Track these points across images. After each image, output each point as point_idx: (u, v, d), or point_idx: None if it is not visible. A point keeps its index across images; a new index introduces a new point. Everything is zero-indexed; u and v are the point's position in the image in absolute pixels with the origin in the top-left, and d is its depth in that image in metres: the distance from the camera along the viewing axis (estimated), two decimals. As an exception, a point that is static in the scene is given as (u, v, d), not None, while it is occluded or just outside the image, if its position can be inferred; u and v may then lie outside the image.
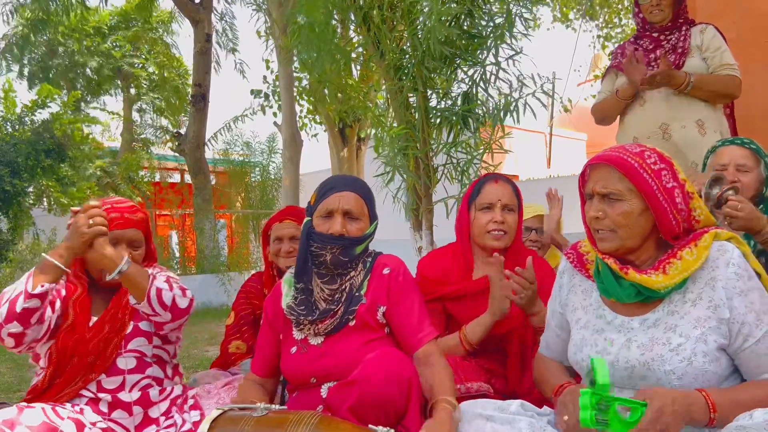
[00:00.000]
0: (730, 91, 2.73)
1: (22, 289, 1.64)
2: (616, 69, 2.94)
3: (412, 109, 3.28)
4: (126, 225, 1.86)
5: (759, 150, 2.22)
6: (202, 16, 10.68)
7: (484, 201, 2.05)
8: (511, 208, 2.05)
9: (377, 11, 3.10)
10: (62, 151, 9.04)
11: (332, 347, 1.68)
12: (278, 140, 13.02)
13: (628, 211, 1.40)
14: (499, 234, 2.02)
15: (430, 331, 1.71)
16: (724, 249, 1.38)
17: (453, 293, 2.02)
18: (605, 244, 1.44)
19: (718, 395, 1.28)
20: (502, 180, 2.10)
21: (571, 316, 1.58)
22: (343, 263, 1.72)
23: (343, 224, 1.69)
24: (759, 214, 1.95)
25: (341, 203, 1.71)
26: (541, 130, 14.87)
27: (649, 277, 1.38)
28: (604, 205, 1.43)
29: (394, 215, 3.46)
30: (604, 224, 1.43)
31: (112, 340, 1.78)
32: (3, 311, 1.62)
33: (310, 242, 1.73)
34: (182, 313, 1.82)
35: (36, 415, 1.56)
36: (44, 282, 1.65)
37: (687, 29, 2.80)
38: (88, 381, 1.75)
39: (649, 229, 1.43)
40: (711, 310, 1.35)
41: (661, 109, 2.74)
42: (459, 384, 1.77)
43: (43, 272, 1.67)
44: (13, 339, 1.65)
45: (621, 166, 1.40)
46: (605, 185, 1.42)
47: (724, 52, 2.73)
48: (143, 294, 1.74)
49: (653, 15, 2.81)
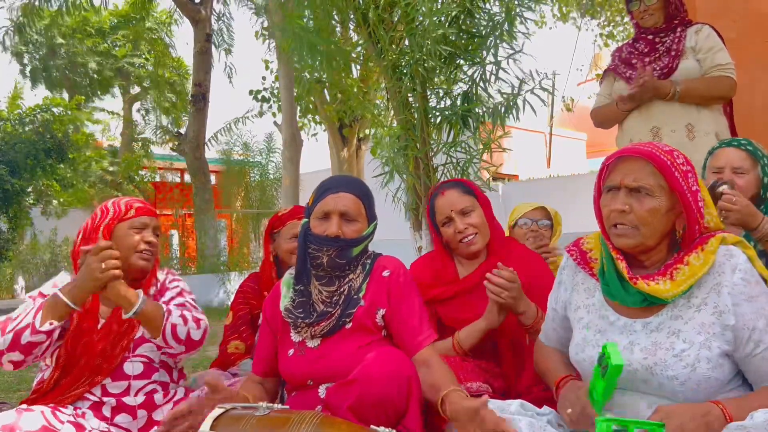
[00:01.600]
0: (722, 93, 2.72)
1: (29, 322, 1.64)
2: (613, 72, 2.94)
3: (412, 108, 3.28)
4: (151, 213, 1.91)
5: (756, 151, 2.19)
6: (203, 15, 10.68)
7: (441, 216, 2.04)
8: (468, 209, 2.01)
9: (374, 11, 3.10)
10: (62, 151, 9.05)
11: (329, 350, 1.67)
12: (276, 139, 13.04)
13: (656, 208, 1.36)
14: (469, 239, 1.99)
15: (429, 334, 1.71)
16: (730, 254, 1.36)
17: (442, 295, 2.01)
18: (625, 240, 1.39)
19: (733, 406, 1.26)
20: (448, 188, 2.07)
21: (573, 315, 1.56)
22: (340, 265, 1.70)
23: (339, 226, 1.68)
24: (754, 210, 1.93)
25: (337, 204, 1.70)
26: (541, 129, 14.86)
27: (657, 286, 1.35)
28: (631, 199, 1.37)
29: (394, 215, 3.46)
30: (628, 219, 1.37)
31: (120, 342, 1.78)
32: (7, 339, 1.62)
33: (307, 244, 1.73)
34: (196, 345, 1.84)
35: (35, 419, 1.56)
36: (53, 320, 1.65)
37: (682, 30, 2.79)
38: (94, 384, 1.75)
39: (668, 230, 1.40)
40: (716, 316, 1.33)
41: (654, 112, 2.75)
42: (459, 384, 1.77)
43: (53, 309, 1.66)
44: (13, 365, 1.67)
45: (655, 161, 1.36)
46: (637, 178, 1.37)
47: (717, 53, 2.71)
48: (158, 331, 1.74)
49: (644, 20, 2.83)
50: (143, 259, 1.86)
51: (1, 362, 1.66)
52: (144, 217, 1.88)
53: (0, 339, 1.63)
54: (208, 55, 10.94)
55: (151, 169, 15.47)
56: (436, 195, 2.09)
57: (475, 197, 2.06)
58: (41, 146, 8.63)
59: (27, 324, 1.64)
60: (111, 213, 1.85)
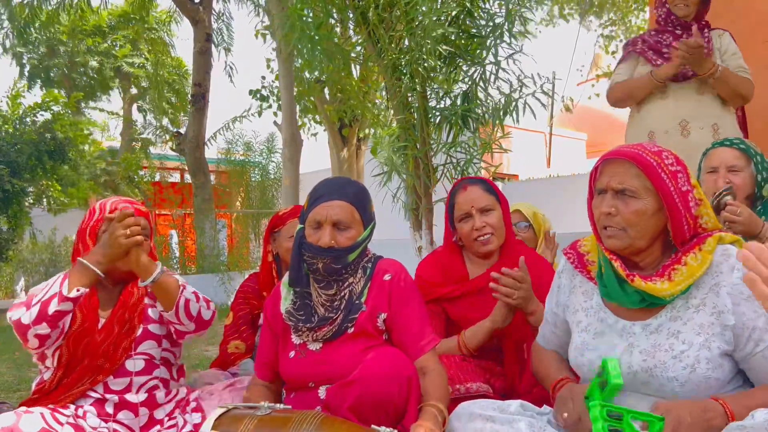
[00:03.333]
0: (746, 92, 2.73)
1: (56, 291, 1.64)
2: (640, 55, 2.86)
3: (412, 108, 3.28)
4: (139, 213, 1.87)
5: (748, 149, 2.21)
6: (202, 15, 10.67)
7: (460, 212, 2.04)
8: (488, 208, 2.01)
9: (374, 11, 3.10)
10: (63, 152, 9.05)
11: (331, 354, 1.67)
12: (277, 140, 13.04)
13: (641, 209, 1.36)
14: (485, 238, 1.99)
15: (431, 339, 1.70)
16: (728, 254, 1.36)
17: (450, 294, 2.01)
18: (613, 241, 1.40)
19: (734, 403, 1.26)
20: (471, 183, 2.06)
21: (571, 318, 1.55)
22: (336, 270, 1.69)
23: (332, 236, 1.66)
24: (757, 219, 1.96)
25: (329, 214, 1.67)
26: (541, 129, 14.86)
27: (654, 285, 1.35)
28: (617, 201, 1.39)
29: (394, 215, 3.46)
30: (614, 221, 1.39)
31: (122, 342, 1.79)
32: (33, 312, 1.62)
33: (302, 251, 1.72)
34: (205, 325, 1.86)
35: (35, 422, 1.56)
36: (80, 286, 1.66)
37: (708, 31, 2.80)
38: (96, 382, 1.75)
39: (659, 231, 1.40)
40: (715, 317, 1.33)
41: (684, 105, 2.71)
42: (459, 384, 1.77)
43: (80, 276, 1.67)
44: (38, 340, 1.65)
45: (640, 162, 1.36)
46: (621, 181, 1.38)
47: (740, 58, 2.75)
48: (173, 303, 1.76)
49: (678, 8, 2.76)
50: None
51: (27, 339, 1.64)
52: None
53: (26, 314, 1.63)
54: (207, 55, 10.93)
55: (151, 169, 15.47)
56: (457, 190, 2.08)
57: (496, 197, 2.05)
58: (42, 147, 8.63)
59: (54, 293, 1.64)
60: (97, 214, 1.85)
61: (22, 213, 8.93)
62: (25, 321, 1.62)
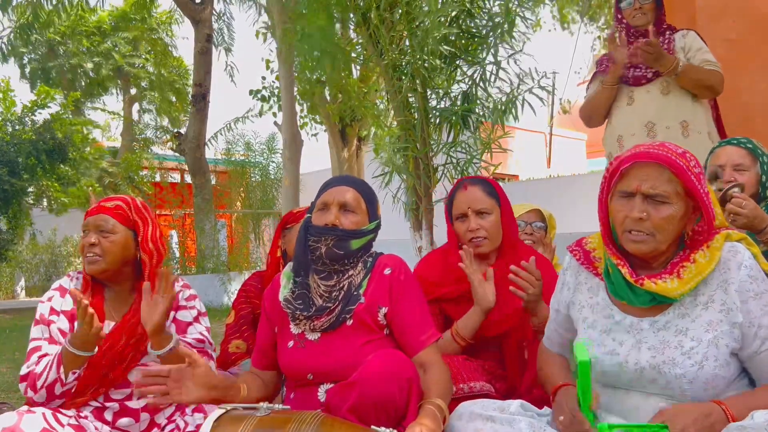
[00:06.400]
0: (714, 83, 2.74)
1: (55, 378, 1.67)
2: (602, 74, 2.93)
3: (412, 108, 3.28)
4: (97, 211, 1.80)
5: (755, 149, 2.21)
6: (203, 15, 10.68)
7: (457, 211, 2.03)
8: (485, 211, 1.99)
9: (375, 11, 3.10)
10: (63, 152, 9.05)
11: (330, 345, 1.67)
12: (278, 140, 13.04)
13: (672, 215, 1.34)
14: (478, 240, 1.99)
15: (432, 333, 1.70)
16: (735, 250, 1.36)
17: (449, 294, 2.01)
18: (640, 246, 1.37)
19: (736, 406, 1.26)
20: (472, 184, 2.04)
21: (577, 315, 1.54)
22: (338, 257, 1.70)
23: (336, 216, 1.70)
24: (762, 213, 1.94)
25: (336, 196, 1.72)
26: (541, 130, 14.87)
27: (665, 285, 1.34)
28: (648, 206, 1.35)
29: (394, 215, 3.46)
30: (644, 226, 1.35)
31: (127, 356, 1.76)
32: (42, 395, 1.69)
33: (307, 236, 1.74)
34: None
35: (36, 422, 1.55)
36: (75, 369, 1.68)
37: (670, 34, 2.83)
38: (98, 394, 1.74)
39: (679, 233, 1.39)
40: (723, 314, 1.33)
41: (650, 107, 2.75)
42: (462, 384, 1.76)
43: (73, 362, 1.67)
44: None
45: (673, 167, 1.33)
46: (654, 186, 1.34)
47: (706, 52, 2.77)
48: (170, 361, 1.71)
49: (636, 19, 2.81)
50: (88, 263, 1.77)
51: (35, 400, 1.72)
52: (89, 218, 1.80)
53: (35, 396, 1.70)
54: (208, 55, 10.94)
55: (151, 169, 15.47)
56: (458, 188, 2.07)
57: (496, 200, 2.03)
58: (42, 146, 8.63)
59: (54, 379, 1.68)
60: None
61: (22, 213, 8.93)
62: (39, 401, 1.70)
